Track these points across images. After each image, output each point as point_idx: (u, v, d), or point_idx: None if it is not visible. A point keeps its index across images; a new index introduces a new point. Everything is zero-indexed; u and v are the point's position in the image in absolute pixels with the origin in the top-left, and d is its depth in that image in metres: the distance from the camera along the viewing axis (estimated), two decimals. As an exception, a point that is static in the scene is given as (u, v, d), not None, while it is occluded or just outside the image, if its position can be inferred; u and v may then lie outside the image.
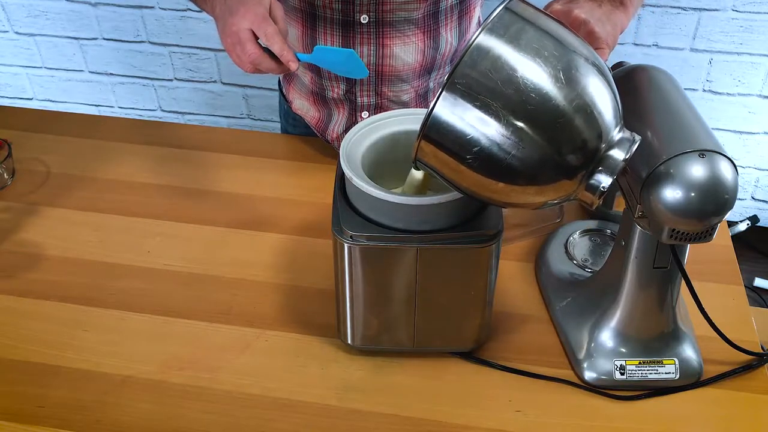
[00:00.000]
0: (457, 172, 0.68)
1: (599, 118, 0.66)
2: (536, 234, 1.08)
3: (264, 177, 1.20)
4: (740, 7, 1.89)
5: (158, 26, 2.17)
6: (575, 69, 0.65)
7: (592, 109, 0.65)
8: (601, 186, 0.67)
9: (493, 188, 0.68)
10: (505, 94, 0.63)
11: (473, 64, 0.64)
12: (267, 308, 0.98)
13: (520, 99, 0.63)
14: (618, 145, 0.68)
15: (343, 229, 0.78)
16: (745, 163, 2.18)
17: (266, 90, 2.24)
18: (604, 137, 0.67)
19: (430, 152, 0.68)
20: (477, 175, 0.67)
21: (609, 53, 0.84)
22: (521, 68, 0.64)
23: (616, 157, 0.67)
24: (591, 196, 0.69)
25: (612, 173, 0.67)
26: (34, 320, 0.96)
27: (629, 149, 0.67)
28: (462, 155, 0.66)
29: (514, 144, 0.64)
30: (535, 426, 0.85)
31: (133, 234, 1.10)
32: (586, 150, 0.66)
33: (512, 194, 0.69)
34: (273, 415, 0.86)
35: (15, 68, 2.38)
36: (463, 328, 0.88)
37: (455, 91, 0.64)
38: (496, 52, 0.64)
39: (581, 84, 0.65)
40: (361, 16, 1.05)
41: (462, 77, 0.64)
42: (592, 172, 0.67)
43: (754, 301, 2.14)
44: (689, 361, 0.88)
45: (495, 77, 0.63)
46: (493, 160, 0.65)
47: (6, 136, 1.22)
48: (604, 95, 0.67)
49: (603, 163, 0.67)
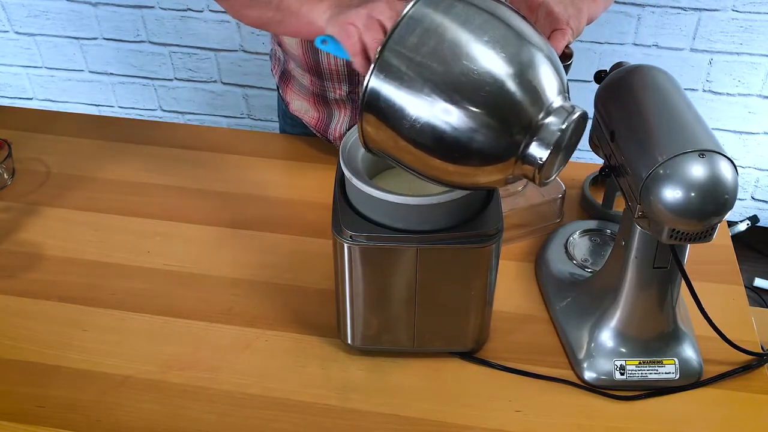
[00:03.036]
0: (398, 150, 0.69)
1: (530, 87, 0.66)
2: (536, 234, 1.08)
3: (264, 177, 1.20)
4: (740, 7, 1.89)
5: (158, 26, 2.17)
6: (504, 39, 0.66)
7: (523, 78, 0.65)
8: (539, 158, 0.67)
9: (432, 164, 0.69)
10: (432, 67, 0.65)
11: (401, 39, 0.66)
12: (267, 308, 0.98)
13: (448, 70, 0.65)
14: (555, 113, 0.67)
15: (343, 229, 0.78)
16: (745, 163, 2.18)
17: (266, 90, 2.24)
18: (538, 107, 0.66)
19: (373, 132, 0.70)
20: (417, 151, 0.68)
21: (573, 35, 0.83)
22: (448, 40, 0.65)
23: (552, 126, 0.66)
24: (531, 169, 0.68)
25: (548, 144, 0.66)
26: (34, 320, 0.96)
27: (567, 119, 0.67)
28: (400, 131, 0.67)
29: (446, 115, 0.65)
30: (535, 426, 0.85)
31: (133, 234, 1.10)
32: (518, 119, 0.66)
33: (454, 169, 0.69)
34: (273, 415, 0.86)
35: (15, 68, 2.38)
36: (463, 328, 0.88)
37: (385, 67, 0.66)
38: (424, 26, 0.66)
39: (510, 53, 0.66)
40: None
41: (392, 52, 0.66)
42: (528, 143, 0.67)
43: (754, 301, 2.14)
44: (689, 361, 0.88)
45: (423, 50, 0.65)
46: (429, 133, 0.66)
47: (6, 136, 1.22)
48: (536, 65, 0.67)
49: (539, 134, 0.67)
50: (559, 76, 0.69)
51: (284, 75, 1.24)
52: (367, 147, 0.73)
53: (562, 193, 1.07)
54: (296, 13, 0.86)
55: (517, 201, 1.06)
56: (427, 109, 0.65)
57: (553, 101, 0.67)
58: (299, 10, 0.86)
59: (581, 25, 0.85)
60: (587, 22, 0.87)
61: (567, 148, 0.70)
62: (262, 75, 2.20)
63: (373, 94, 0.67)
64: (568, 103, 0.68)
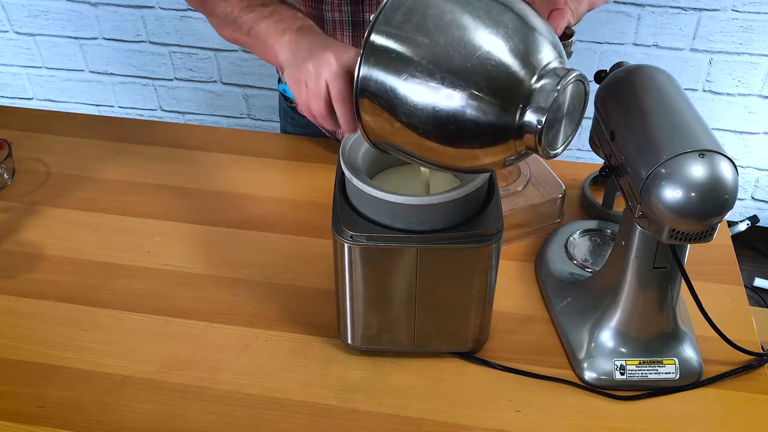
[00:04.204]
0: (397, 135, 0.69)
1: (519, 51, 0.65)
2: (536, 234, 1.08)
3: (264, 177, 1.20)
4: (740, 7, 1.89)
5: (158, 26, 2.17)
6: (489, 7, 0.66)
7: (511, 43, 0.65)
8: (536, 122, 0.65)
9: (431, 145, 0.68)
10: (416, 41, 0.65)
11: (387, 20, 0.66)
12: (267, 308, 0.98)
13: (433, 41, 0.65)
14: (548, 76, 0.66)
15: (343, 229, 0.78)
16: (745, 163, 2.18)
17: (266, 90, 2.24)
18: (530, 70, 0.65)
19: (371, 121, 0.70)
20: (414, 135, 0.68)
21: (572, 17, 0.82)
22: (431, 14, 0.65)
23: (546, 87, 0.65)
24: (531, 138, 0.66)
25: (544, 108, 0.65)
26: (34, 320, 0.96)
27: (561, 81, 0.65)
28: (395, 113, 0.67)
29: (437, 90, 0.64)
30: (535, 426, 0.85)
31: (133, 234, 1.10)
32: (510, 84, 0.65)
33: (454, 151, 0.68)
34: (273, 415, 0.86)
35: (15, 68, 2.38)
36: (463, 328, 0.88)
37: (373, 51, 0.66)
38: (407, 4, 0.66)
39: (495, 20, 0.65)
40: (370, 15, 1.05)
41: (378, 34, 0.66)
42: (524, 110, 0.65)
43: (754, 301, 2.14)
44: (689, 361, 0.88)
45: (408, 27, 0.66)
46: (423, 111, 0.66)
47: (6, 136, 1.22)
48: (523, 29, 0.66)
49: (534, 98, 0.65)
50: (551, 42, 0.68)
51: None
52: (369, 140, 0.73)
53: (562, 193, 1.07)
54: (263, 43, 0.87)
55: (517, 201, 1.06)
56: (417, 86, 0.65)
57: (545, 64, 0.66)
58: (266, 40, 0.87)
59: (582, 8, 0.84)
60: (588, 7, 0.87)
61: (569, 114, 0.69)
62: (262, 75, 2.21)
63: (365, 79, 0.67)
64: (562, 66, 0.67)
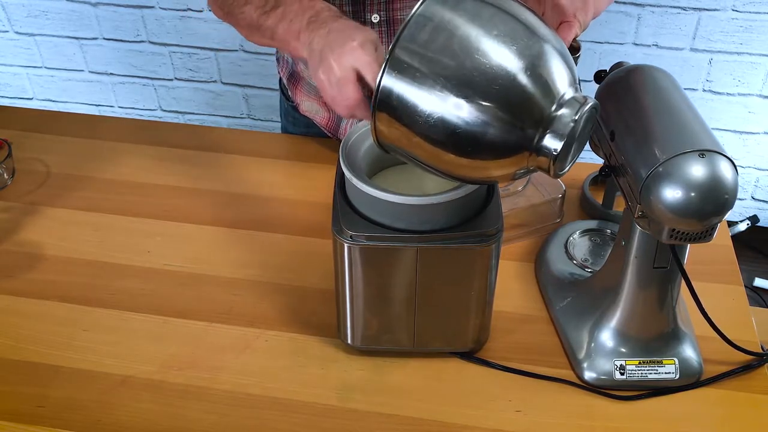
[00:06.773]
0: (411, 146, 0.70)
1: (541, 80, 0.66)
2: (536, 234, 1.08)
3: (264, 177, 1.20)
4: (740, 7, 1.89)
5: (158, 26, 2.17)
6: (514, 33, 0.67)
7: (534, 71, 0.66)
8: (553, 149, 0.67)
9: (446, 158, 0.69)
10: (443, 62, 0.65)
11: (411, 37, 0.66)
12: (267, 308, 0.98)
13: (459, 65, 0.65)
14: (567, 105, 0.67)
15: (343, 229, 0.78)
16: (745, 163, 2.18)
17: (266, 90, 2.24)
18: (550, 99, 0.67)
19: (386, 130, 0.70)
20: (430, 147, 0.68)
21: (579, 28, 0.83)
22: (458, 35, 0.66)
23: (565, 118, 0.67)
24: (546, 161, 0.68)
25: (562, 135, 0.67)
26: (34, 320, 0.96)
27: (579, 110, 0.67)
28: (413, 127, 0.68)
29: (459, 110, 0.65)
30: (535, 426, 0.85)
31: (133, 234, 1.10)
32: (530, 111, 0.66)
33: (468, 163, 0.69)
34: (273, 415, 0.86)
35: (15, 68, 2.38)
36: (463, 328, 0.88)
37: (397, 65, 0.66)
38: (434, 22, 0.66)
39: (521, 47, 0.66)
40: (372, 16, 1.05)
41: (403, 50, 0.66)
42: (542, 135, 0.67)
43: (754, 301, 2.14)
44: (689, 361, 0.88)
45: (434, 46, 0.66)
46: (442, 128, 0.66)
47: (6, 136, 1.22)
48: (546, 57, 0.67)
49: (552, 125, 0.67)
50: (570, 68, 0.69)
51: (293, 77, 1.24)
52: (378, 144, 0.73)
53: (562, 193, 1.07)
54: (288, 46, 0.88)
55: (517, 201, 1.06)
56: (439, 104, 0.66)
57: (564, 93, 0.67)
58: (288, 45, 0.88)
59: (588, 18, 0.85)
60: (593, 15, 0.87)
61: (580, 139, 0.70)
62: (262, 75, 2.20)
63: (386, 92, 0.67)
64: (580, 95, 0.69)
